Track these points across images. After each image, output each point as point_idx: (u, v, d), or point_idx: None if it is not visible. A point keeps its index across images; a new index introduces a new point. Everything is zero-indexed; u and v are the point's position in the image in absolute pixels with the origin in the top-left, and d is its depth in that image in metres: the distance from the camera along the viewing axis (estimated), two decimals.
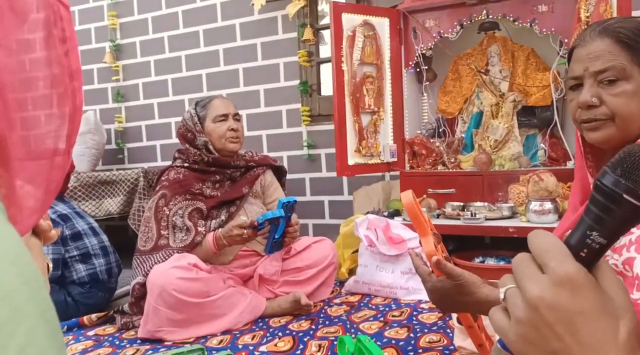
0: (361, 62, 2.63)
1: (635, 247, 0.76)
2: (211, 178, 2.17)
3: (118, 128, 3.87)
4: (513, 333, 0.40)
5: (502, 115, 2.69)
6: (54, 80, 0.35)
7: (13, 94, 0.32)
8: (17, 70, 0.33)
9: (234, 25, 3.46)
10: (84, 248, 2.23)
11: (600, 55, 0.91)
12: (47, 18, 0.34)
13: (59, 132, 0.36)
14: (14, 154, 0.33)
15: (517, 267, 0.41)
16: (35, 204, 0.35)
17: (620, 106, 0.91)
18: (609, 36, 0.91)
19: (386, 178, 3.03)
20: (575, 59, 0.97)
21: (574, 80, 0.97)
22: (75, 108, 0.36)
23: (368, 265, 2.30)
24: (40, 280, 0.30)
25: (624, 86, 0.91)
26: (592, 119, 0.94)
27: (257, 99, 3.43)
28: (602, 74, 0.92)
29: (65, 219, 2.24)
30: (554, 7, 2.38)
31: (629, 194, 0.37)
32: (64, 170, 0.37)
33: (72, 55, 0.36)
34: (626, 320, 0.38)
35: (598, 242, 0.39)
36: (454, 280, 1.06)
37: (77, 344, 1.88)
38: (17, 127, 0.33)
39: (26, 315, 0.28)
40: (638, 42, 0.90)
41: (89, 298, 2.19)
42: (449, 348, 1.62)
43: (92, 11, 3.91)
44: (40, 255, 0.48)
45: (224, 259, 2.12)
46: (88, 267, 2.22)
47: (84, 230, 2.27)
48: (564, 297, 0.38)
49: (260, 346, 1.75)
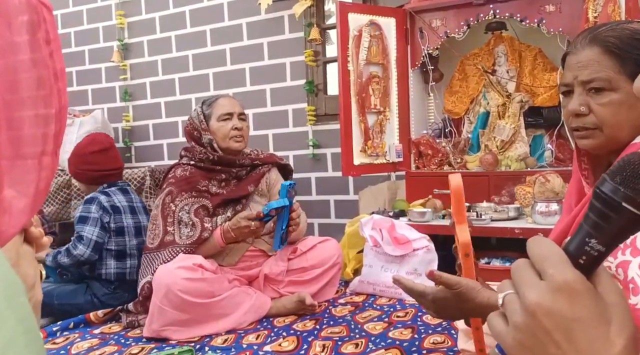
0: (367, 62, 2.62)
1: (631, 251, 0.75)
2: (217, 176, 2.17)
3: (125, 127, 3.89)
4: (511, 339, 0.40)
5: (508, 116, 2.68)
6: (40, 81, 0.35)
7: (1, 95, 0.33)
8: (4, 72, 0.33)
9: (241, 24, 3.46)
10: (123, 245, 2.23)
11: (588, 64, 0.92)
12: (31, 20, 0.35)
13: (47, 131, 0.36)
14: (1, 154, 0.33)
15: (516, 273, 0.41)
16: (25, 205, 0.35)
17: (607, 116, 0.91)
18: (598, 45, 0.91)
19: (392, 178, 3.02)
20: (567, 65, 0.97)
21: (565, 87, 0.97)
22: (60, 107, 0.37)
23: (373, 266, 2.30)
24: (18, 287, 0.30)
25: (610, 96, 0.91)
26: (582, 127, 0.95)
27: (263, 99, 3.43)
28: (590, 83, 0.92)
29: (116, 212, 2.23)
30: (561, 7, 2.37)
31: (628, 202, 0.37)
32: (52, 170, 0.37)
33: (57, 56, 0.36)
34: (624, 327, 0.38)
35: (597, 250, 0.39)
36: (451, 288, 1.06)
37: (83, 342, 1.89)
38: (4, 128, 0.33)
39: (4, 321, 0.28)
40: (627, 51, 0.89)
41: (114, 299, 2.17)
42: (453, 349, 1.62)
43: (100, 10, 3.93)
44: (32, 263, 0.49)
45: (231, 260, 2.12)
46: (118, 265, 2.21)
47: (129, 228, 2.26)
48: (562, 304, 0.38)
49: (265, 346, 1.76)
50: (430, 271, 1.10)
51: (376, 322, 1.93)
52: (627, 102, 0.90)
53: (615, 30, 0.91)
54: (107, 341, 1.90)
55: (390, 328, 1.85)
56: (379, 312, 2.05)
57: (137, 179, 3.18)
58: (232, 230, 2.01)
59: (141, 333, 1.93)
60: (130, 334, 1.96)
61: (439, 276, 1.08)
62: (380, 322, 1.93)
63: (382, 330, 1.84)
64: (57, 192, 3.08)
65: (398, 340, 1.73)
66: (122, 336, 1.94)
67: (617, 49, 0.89)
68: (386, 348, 1.67)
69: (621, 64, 0.89)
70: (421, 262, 2.21)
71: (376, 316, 2.00)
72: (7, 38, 0.33)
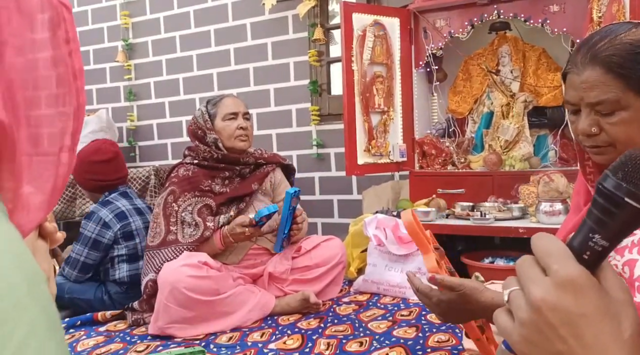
0: (371, 61, 2.63)
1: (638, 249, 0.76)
2: (220, 174, 2.18)
3: (130, 126, 3.90)
4: (517, 335, 0.40)
5: (512, 116, 2.68)
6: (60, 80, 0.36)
7: (22, 92, 0.34)
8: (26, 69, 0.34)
9: (245, 24, 3.47)
10: (134, 248, 2.22)
11: (593, 85, 0.89)
12: (51, 19, 0.35)
13: (65, 129, 0.37)
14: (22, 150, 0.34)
15: (521, 269, 0.42)
16: (42, 201, 0.36)
17: (619, 134, 0.89)
18: (599, 65, 0.88)
19: (395, 178, 3.03)
20: (569, 84, 0.94)
21: (572, 106, 0.95)
22: (79, 106, 0.37)
23: (377, 265, 2.31)
24: (40, 276, 0.31)
25: (621, 115, 0.89)
26: (594, 146, 0.93)
27: (267, 98, 3.44)
28: (598, 105, 0.90)
29: (122, 218, 2.22)
30: (565, 7, 2.37)
31: (631, 197, 0.37)
32: (70, 166, 0.38)
33: (75, 56, 0.37)
34: (629, 322, 0.38)
35: (600, 245, 0.39)
36: (455, 291, 1.07)
37: (89, 339, 1.90)
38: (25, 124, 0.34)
39: (27, 309, 0.29)
40: (629, 68, 0.86)
41: (126, 298, 2.17)
42: (457, 348, 1.62)
43: (105, 11, 3.95)
44: (46, 257, 0.50)
45: (234, 259, 2.13)
46: (131, 268, 2.21)
47: (138, 229, 2.25)
48: (567, 299, 0.38)
49: (269, 344, 1.76)
50: (431, 276, 1.10)
51: (380, 321, 1.93)
52: (639, 118, 0.88)
53: (615, 46, 0.87)
54: (113, 339, 1.91)
55: (395, 326, 1.86)
56: (383, 311, 2.05)
57: (141, 179, 3.19)
58: (230, 235, 2.04)
59: (146, 331, 1.94)
60: (136, 332, 1.97)
61: (441, 280, 1.09)
62: (385, 320, 1.94)
63: (386, 328, 1.85)
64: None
65: (402, 339, 1.73)
66: (128, 334, 1.96)
67: (620, 68, 0.86)
68: (390, 346, 1.67)
69: (626, 82, 0.87)
70: None
71: (380, 315, 2.01)
72: (28, 36, 0.34)
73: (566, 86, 0.96)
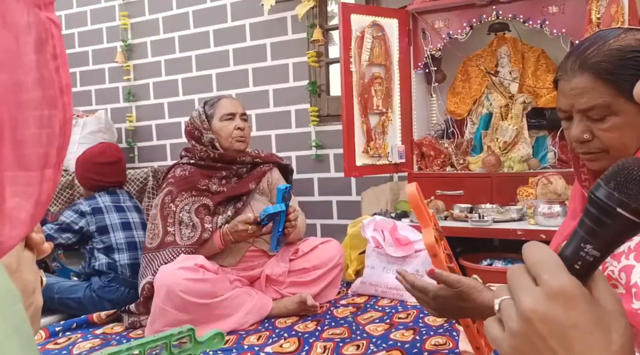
0: (370, 63, 2.62)
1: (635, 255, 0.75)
2: (217, 174, 2.18)
3: (129, 127, 3.90)
4: (507, 345, 0.40)
5: (511, 117, 2.67)
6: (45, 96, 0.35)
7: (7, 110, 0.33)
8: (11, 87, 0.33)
9: (244, 25, 3.47)
10: (108, 241, 2.31)
11: (583, 92, 0.89)
12: (39, 36, 0.35)
13: (50, 146, 0.36)
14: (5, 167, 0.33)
15: (512, 278, 0.41)
16: (26, 217, 0.36)
17: (611, 140, 0.89)
18: (588, 71, 0.88)
19: (394, 179, 3.02)
20: (560, 91, 0.94)
21: (564, 113, 0.95)
22: (65, 122, 0.37)
23: (375, 267, 2.30)
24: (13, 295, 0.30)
25: (613, 120, 0.88)
26: (587, 152, 0.93)
27: (266, 99, 3.44)
28: (588, 111, 0.90)
29: (97, 212, 2.33)
30: (564, 8, 2.36)
31: (623, 208, 0.37)
32: (54, 182, 0.37)
33: (63, 71, 0.36)
34: (619, 333, 0.38)
35: (592, 255, 0.39)
36: (452, 287, 1.06)
37: (85, 342, 1.90)
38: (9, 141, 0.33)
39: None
40: (618, 74, 0.86)
41: (111, 293, 2.22)
42: (454, 351, 1.61)
43: (104, 11, 3.94)
44: (32, 268, 0.49)
45: (232, 261, 2.12)
46: (108, 259, 2.28)
47: (113, 225, 2.33)
48: (557, 310, 0.38)
49: (266, 347, 1.76)
50: (430, 270, 1.10)
51: (378, 324, 1.93)
52: (630, 123, 0.88)
53: (603, 53, 0.87)
54: (109, 341, 1.90)
55: (392, 329, 1.85)
56: (380, 314, 2.05)
57: (139, 179, 3.18)
58: (230, 234, 2.02)
59: (143, 334, 1.93)
60: (132, 335, 1.96)
61: (440, 275, 1.08)
62: (382, 323, 1.93)
63: (383, 331, 1.84)
64: (60, 192, 3.09)
65: (399, 342, 1.72)
66: (124, 337, 1.95)
67: (609, 74, 0.86)
68: (387, 349, 1.67)
69: (616, 87, 0.86)
70: (423, 263, 2.20)
71: (378, 317, 2.00)
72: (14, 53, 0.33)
73: (558, 93, 0.96)
